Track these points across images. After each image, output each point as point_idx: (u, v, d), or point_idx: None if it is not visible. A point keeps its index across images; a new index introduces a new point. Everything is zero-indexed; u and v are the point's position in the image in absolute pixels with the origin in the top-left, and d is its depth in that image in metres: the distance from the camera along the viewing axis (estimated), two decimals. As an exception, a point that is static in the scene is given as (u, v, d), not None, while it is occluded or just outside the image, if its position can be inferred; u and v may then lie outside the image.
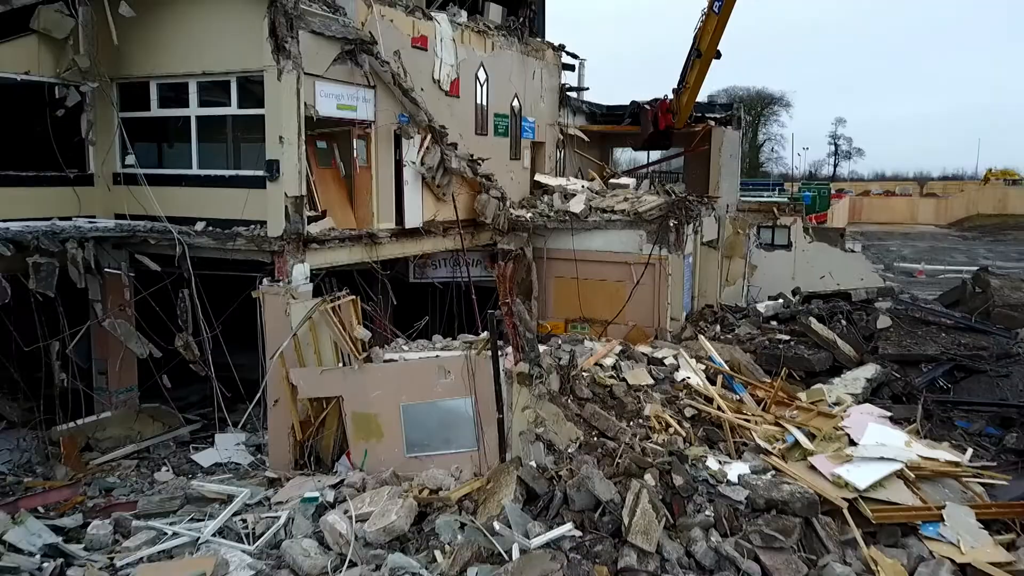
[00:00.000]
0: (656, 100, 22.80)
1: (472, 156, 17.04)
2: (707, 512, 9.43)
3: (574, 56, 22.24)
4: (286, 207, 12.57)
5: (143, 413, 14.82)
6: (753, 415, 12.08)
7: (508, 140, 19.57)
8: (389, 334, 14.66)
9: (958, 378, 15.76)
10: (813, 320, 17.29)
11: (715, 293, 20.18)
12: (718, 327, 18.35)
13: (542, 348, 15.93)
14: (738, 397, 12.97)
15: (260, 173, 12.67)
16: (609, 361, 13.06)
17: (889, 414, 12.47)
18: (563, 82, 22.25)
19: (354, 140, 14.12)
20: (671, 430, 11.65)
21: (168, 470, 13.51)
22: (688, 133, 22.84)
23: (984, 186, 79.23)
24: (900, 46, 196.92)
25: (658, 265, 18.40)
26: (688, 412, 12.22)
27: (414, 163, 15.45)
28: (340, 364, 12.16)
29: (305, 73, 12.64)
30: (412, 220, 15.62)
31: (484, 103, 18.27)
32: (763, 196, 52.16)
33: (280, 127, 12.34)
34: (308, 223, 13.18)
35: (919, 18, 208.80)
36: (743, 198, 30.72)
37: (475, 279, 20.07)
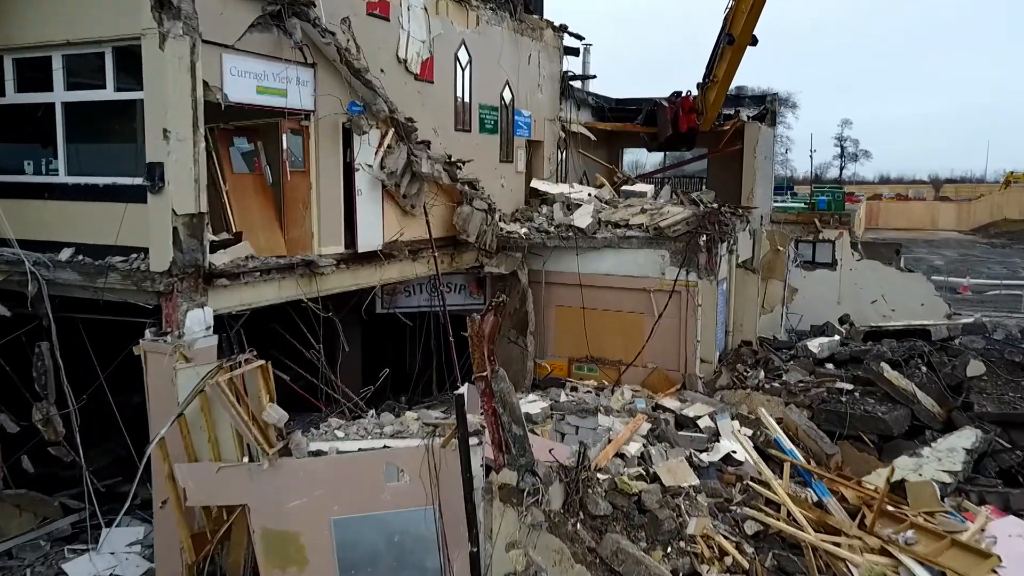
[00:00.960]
0: (676, 95, 18.90)
1: (450, 158, 13.32)
2: None
3: (578, 37, 18.48)
4: (176, 229, 8.82)
5: (6, 502, 11.08)
6: (848, 535, 8.31)
7: (498, 138, 15.84)
8: (337, 398, 10.96)
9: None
10: (886, 367, 13.57)
11: (754, 325, 16.45)
12: (762, 373, 14.60)
13: (535, 407, 12.24)
14: (815, 498, 9.21)
15: (140, 182, 8.94)
16: (634, 447, 9.31)
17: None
18: (565, 69, 18.49)
19: (283, 136, 10.39)
20: (728, 559, 7.93)
21: (26, 588, 9.84)
22: (715, 131, 19.04)
23: (1005, 190, 75.24)
24: (900, 46, 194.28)
25: (685, 293, 14.75)
26: (750, 527, 8.49)
27: (370, 167, 11.73)
28: (244, 458, 8.44)
29: (205, 41, 8.92)
30: (368, 241, 11.89)
31: (466, 91, 14.54)
32: (776, 201, 48.34)
33: (164, 116, 8.60)
34: (214, 250, 9.45)
35: (919, 18, 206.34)
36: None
37: (458, 308, 16.43)
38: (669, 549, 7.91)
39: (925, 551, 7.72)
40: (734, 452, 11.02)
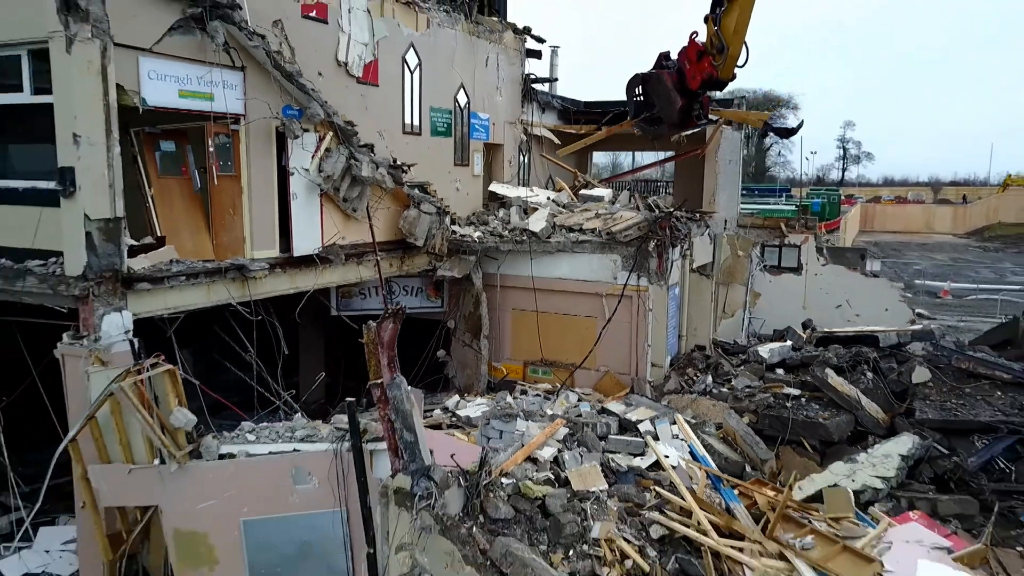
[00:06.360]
0: (665, 57, 14.09)
1: (395, 161, 13.36)
2: None
3: (540, 40, 18.48)
4: (89, 234, 8.88)
5: (-59, 502, 11.19)
6: (749, 539, 8.32)
7: (452, 141, 15.88)
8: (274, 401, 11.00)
9: (1022, 454, 12.02)
10: (830, 372, 13.54)
11: (708, 331, 16.43)
12: (710, 378, 14.59)
13: (477, 411, 12.27)
14: (726, 505, 9.20)
15: (54, 186, 9.00)
16: (548, 452, 9.32)
17: (948, 544, 8.66)
18: (528, 72, 18.52)
19: (210, 140, 10.43)
20: (628, 563, 7.93)
21: (-50, 588, 9.90)
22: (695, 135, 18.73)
23: (1003, 192, 74.98)
24: (903, 48, 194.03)
25: (636, 298, 14.75)
26: (656, 531, 8.49)
27: (307, 171, 11.78)
28: (155, 461, 8.48)
29: (118, 44, 8.97)
30: (304, 245, 11.92)
31: (416, 95, 14.58)
32: (769, 204, 48.42)
33: (73, 121, 8.65)
34: (134, 254, 9.50)
35: (922, 21, 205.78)
36: (744, 207, 26.90)
37: (415, 311, 16.47)
38: (571, 552, 7.93)
39: (818, 556, 7.73)
40: (667, 456, 11.05)
